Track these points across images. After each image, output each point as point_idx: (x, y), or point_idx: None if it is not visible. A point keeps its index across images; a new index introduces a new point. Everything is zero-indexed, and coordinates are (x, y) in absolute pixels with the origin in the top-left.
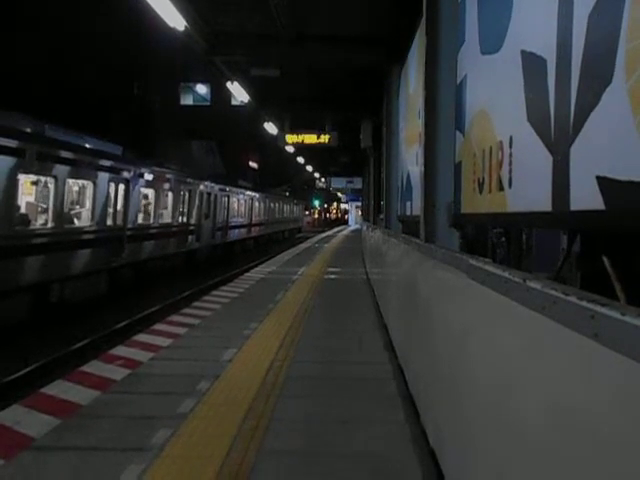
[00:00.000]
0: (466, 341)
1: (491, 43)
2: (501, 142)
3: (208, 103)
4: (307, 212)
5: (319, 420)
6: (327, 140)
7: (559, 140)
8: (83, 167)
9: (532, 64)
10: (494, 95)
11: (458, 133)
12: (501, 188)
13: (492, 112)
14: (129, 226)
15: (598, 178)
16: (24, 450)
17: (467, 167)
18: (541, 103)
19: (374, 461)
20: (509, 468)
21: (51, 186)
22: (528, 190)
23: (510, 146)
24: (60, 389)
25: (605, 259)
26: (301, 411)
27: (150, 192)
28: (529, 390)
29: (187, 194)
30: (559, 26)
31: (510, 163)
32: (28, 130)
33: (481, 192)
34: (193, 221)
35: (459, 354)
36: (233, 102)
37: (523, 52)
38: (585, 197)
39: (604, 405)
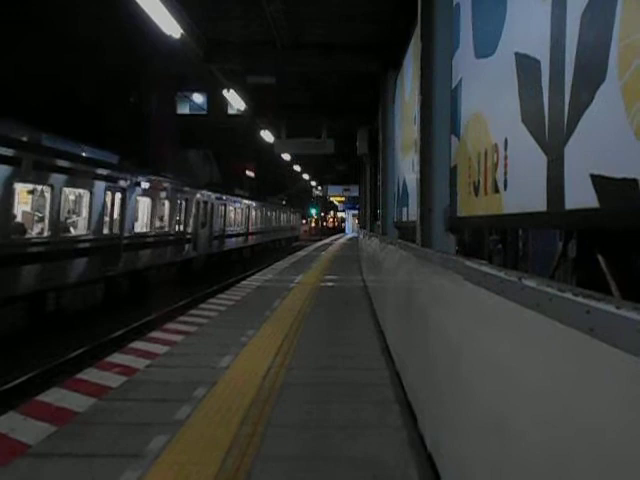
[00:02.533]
0: (462, 343)
1: (485, 47)
2: (496, 144)
3: (205, 112)
4: (304, 220)
5: (316, 426)
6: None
7: (553, 140)
8: (80, 176)
9: (526, 65)
10: (489, 98)
11: (453, 137)
12: (496, 190)
13: (487, 115)
14: (125, 235)
15: (592, 176)
16: (20, 457)
17: (463, 170)
18: (535, 104)
19: (371, 466)
20: (507, 470)
21: (47, 195)
22: (523, 191)
23: (505, 148)
24: (56, 396)
25: (600, 258)
26: (298, 417)
27: (147, 201)
28: (526, 390)
29: (184, 203)
30: (552, 27)
31: (505, 165)
32: (25, 139)
33: (477, 195)
34: (190, 230)
35: (456, 357)
36: (229, 111)
37: (517, 54)
38: (580, 196)
39: (601, 399)
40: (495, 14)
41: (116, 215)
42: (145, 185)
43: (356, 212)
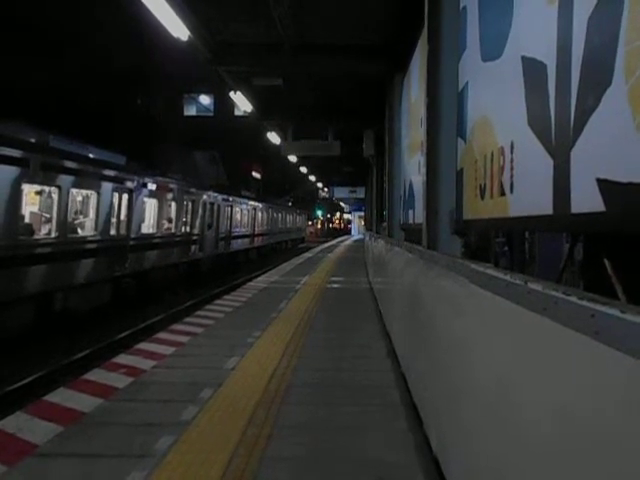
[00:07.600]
0: (468, 346)
1: (492, 50)
2: (502, 148)
3: (211, 114)
4: (310, 222)
5: (322, 427)
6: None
7: (560, 144)
8: (87, 177)
9: (532, 69)
10: (495, 101)
11: (460, 140)
12: (503, 193)
13: (493, 118)
14: (132, 236)
15: (599, 180)
16: (27, 457)
17: (469, 173)
18: (542, 107)
19: (377, 468)
20: (512, 474)
21: (55, 196)
22: (529, 194)
23: (511, 151)
24: (63, 397)
25: (606, 262)
26: (304, 418)
27: (153, 202)
28: (531, 393)
29: (190, 204)
30: (559, 31)
31: (511, 168)
32: (33, 140)
33: (483, 198)
34: (196, 231)
35: (461, 359)
36: (236, 112)
37: (524, 58)
38: (586, 199)
39: (606, 404)
40: (502, 17)
41: (123, 216)
42: (152, 186)
43: (362, 214)
